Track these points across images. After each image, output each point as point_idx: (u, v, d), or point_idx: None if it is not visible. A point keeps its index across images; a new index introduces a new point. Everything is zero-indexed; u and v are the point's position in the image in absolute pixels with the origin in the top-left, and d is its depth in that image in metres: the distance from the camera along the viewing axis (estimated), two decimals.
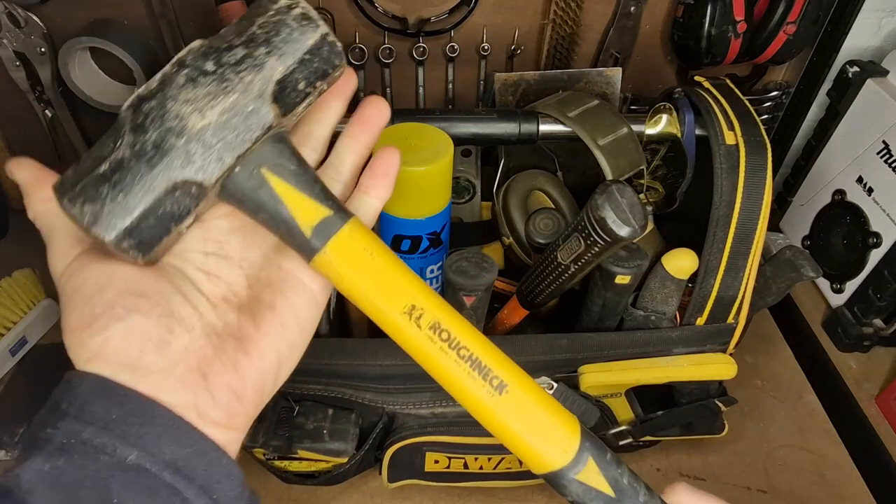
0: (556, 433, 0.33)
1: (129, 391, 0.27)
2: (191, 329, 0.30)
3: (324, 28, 0.31)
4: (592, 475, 0.33)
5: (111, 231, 0.28)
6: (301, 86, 0.31)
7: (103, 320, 0.28)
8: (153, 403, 0.27)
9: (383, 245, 0.33)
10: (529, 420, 0.32)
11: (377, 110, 0.36)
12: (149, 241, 0.30)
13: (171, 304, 0.30)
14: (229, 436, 0.30)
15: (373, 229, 0.56)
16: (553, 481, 0.34)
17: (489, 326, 0.59)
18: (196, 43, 0.30)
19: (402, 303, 0.32)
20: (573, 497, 0.33)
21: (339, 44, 0.32)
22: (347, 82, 0.36)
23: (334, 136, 0.38)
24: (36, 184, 0.32)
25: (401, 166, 0.47)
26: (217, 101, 0.29)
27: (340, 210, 0.33)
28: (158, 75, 0.29)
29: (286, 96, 0.31)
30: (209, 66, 0.30)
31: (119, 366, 0.28)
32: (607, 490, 0.33)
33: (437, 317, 0.32)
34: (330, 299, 0.58)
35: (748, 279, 0.55)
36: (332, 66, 0.32)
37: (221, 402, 0.29)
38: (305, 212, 0.32)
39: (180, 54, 0.30)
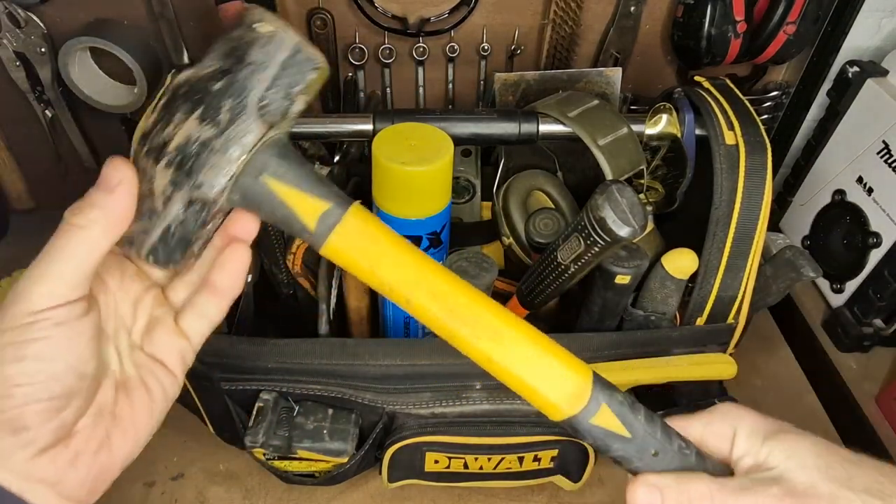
0: (568, 383, 0.35)
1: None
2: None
3: (295, 37, 0.33)
4: (607, 419, 0.35)
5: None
6: (281, 95, 0.33)
7: None
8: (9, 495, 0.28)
9: (382, 228, 0.36)
10: (542, 373, 0.36)
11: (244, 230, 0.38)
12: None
13: None
14: None
15: None
16: (571, 427, 0.36)
17: None
18: (181, 76, 0.33)
19: (410, 288, 0.35)
20: (591, 440, 0.36)
21: (310, 49, 0.34)
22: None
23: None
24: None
25: (401, 166, 0.47)
26: (209, 122, 0.32)
27: (340, 200, 0.35)
28: (155, 110, 0.32)
29: (269, 110, 0.33)
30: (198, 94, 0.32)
31: None
32: (623, 432, 0.35)
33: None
34: (330, 300, 0.59)
35: (748, 279, 0.55)
36: (310, 69, 0.34)
37: (88, 480, 0.30)
38: (306, 208, 0.34)
39: (173, 83, 0.33)
